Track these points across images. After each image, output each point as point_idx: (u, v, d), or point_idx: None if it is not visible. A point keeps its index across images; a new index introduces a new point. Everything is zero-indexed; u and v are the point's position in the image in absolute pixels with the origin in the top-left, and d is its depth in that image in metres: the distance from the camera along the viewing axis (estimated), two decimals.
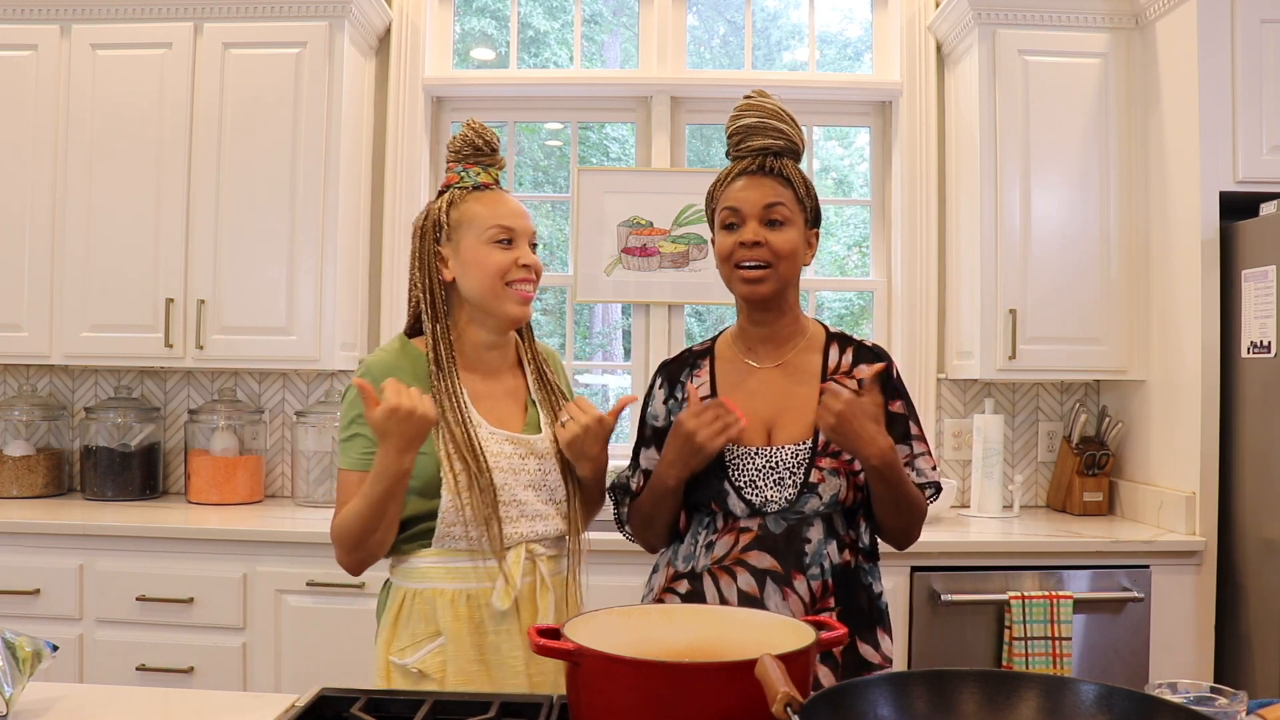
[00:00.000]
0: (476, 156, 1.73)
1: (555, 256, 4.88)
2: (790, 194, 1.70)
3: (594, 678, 1.09)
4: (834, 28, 5.32)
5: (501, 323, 1.71)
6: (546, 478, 1.70)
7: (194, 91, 3.09)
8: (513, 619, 1.63)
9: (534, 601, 1.66)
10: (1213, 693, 1.17)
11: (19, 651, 1.32)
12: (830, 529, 1.68)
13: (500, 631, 1.62)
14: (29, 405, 3.35)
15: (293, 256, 3.07)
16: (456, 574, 1.63)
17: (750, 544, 1.67)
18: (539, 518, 1.68)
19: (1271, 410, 2.59)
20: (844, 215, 5.99)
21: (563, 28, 6.26)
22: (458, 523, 1.61)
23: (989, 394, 3.36)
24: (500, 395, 1.75)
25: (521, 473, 1.67)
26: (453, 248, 1.70)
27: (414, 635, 1.62)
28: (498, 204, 1.71)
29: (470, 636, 1.61)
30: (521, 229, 1.71)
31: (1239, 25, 2.78)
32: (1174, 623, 2.76)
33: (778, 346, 1.76)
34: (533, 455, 1.69)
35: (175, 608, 2.74)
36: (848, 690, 1.04)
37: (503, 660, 1.62)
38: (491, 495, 1.61)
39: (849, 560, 1.70)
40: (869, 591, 1.72)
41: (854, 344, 1.78)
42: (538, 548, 1.67)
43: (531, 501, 1.67)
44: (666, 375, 1.83)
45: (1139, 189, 3.08)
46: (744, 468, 1.68)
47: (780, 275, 1.69)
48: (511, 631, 1.63)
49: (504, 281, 1.67)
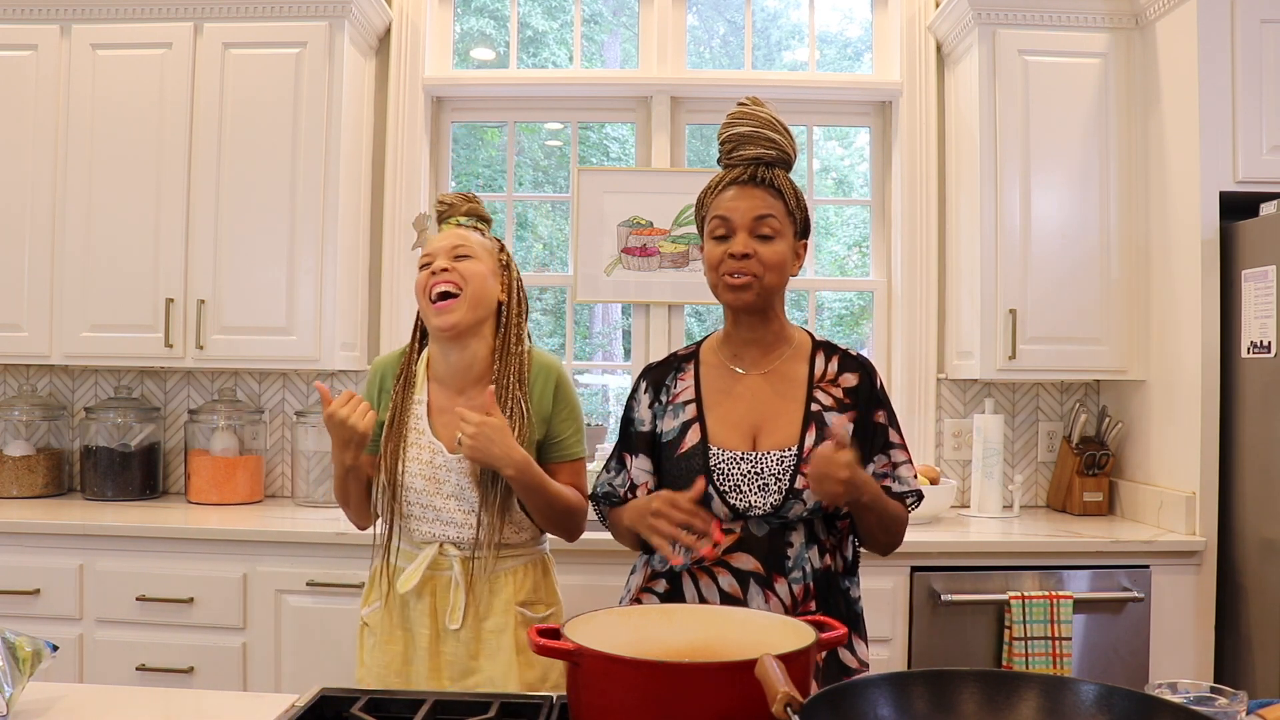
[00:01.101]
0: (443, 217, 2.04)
1: (555, 256, 4.88)
2: (781, 206, 1.71)
3: (594, 678, 1.09)
4: (834, 28, 5.32)
5: (435, 334, 1.94)
6: (466, 491, 1.91)
7: (194, 92, 3.08)
8: (425, 601, 1.93)
9: (448, 594, 1.92)
10: (1213, 693, 1.17)
11: (19, 651, 1.32)
12: (811, 534, 1.69)
13: (416, 609, 1.93)
14: (29, 405, 3.35)
15: (293, 256, 3.07)
16: (403, 554, 1.96)
17: (733, 545, 1.67)
18: (452, 524, 1.92)
19: (1271, 410, 2.59)
20: (844, 215, 5.99)
21: (562, 28, 6.25)
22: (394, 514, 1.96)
23: (989, 394, 3.36)
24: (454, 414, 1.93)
25: (445, 483, 1.91)
26: None
27: (379, 594, 1.98)
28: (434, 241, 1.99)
29: (399, 607, 1.95)
30: (439, 249, 1.94)
31: (1239, 25, 2.78)
32: (1174, 623, 2.76)
33: (763, 353, 1.77)
34: (454, 471, 1.91)
35: (175, 608, 2.74)
36: (848, 690, 1.04)
37: (414, 634, 1.93)
38: (391, 496, 1.93)
39: (829, 565, 1.71)
40: (846, 597, 1.74)
41: (839, 352, 1.79)
42: (451, 549, 1.92)
43: (449, 509, 1.91)
44: (651, 380, 1.84)
45: (1139, 189, 3.08)
46: (729, 473, 1.68)
47: (765, 285, 1.71)
48: (422, 611, 1.93)
49: (427, 298, 1.92)
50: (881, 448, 1.75)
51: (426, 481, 1.92)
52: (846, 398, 1.75)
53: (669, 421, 1.78)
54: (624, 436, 1.88)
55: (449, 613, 1.92)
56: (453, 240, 1.95)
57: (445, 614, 1.92)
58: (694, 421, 1.75)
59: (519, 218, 4.26)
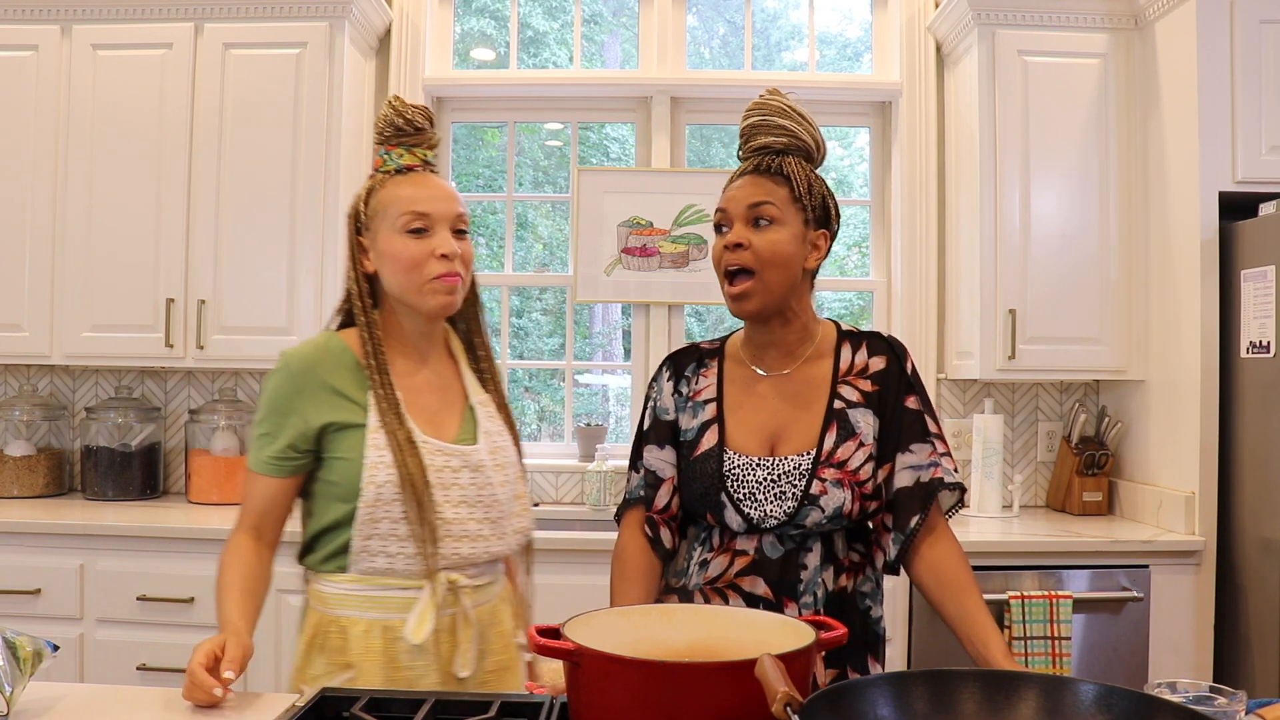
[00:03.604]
0: (398, 137, 1.60)
1: (555, 256, 4.89)
2: (784, 192, 1.60)
3: (594, 678, 1.10)
4: (834, 28, 5.32)
5: (425, 316, 1.58)
6: (482, 493, 1.54)
7: (194, 92, 3.09)
8: (430, 654, 1.49)
9: (454, 635, 1.51)
10: (1212, 692, 1.17)
11: (19, 651, 1.32)
12: (829, 552, 1.60)
13: (415, 667, 1.49)
14: (30, 405, 3.35)
15: (293, 256, 3.07)
16: (373, 602, 1.50)
17: (746, 568, 1.60)
18: (466, 539, 1.52)
19: (1271, 410, 2.59)
20: (844, 215, 5.99)
21: (563, 28, 6.25)
22: (374, 536, 1.48)
23: (989, 394, 3.36)
24: (431, 394, 1.60)
25: (453, 488, 1.52)
26: (370, 238, 1.57)
27: (327, 665, 1.51)
28: (417, 187, 1.56)
29: (382, 670, 1.48)
30: (440, 213, 1.54)
31: (1238, 26, 2.78)
32: (1173, 623, 2.76)
33: (784, 355, 1.67)
34: (466, 468, 1.54)
35: (176, 607, 2.74)
36: (848, 690, 1.04)
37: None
38: (431, 511, 1.48)
39: (845, 585, 1.62)
40: (865, 617, 1.64)
41: (866, 338, 1.69)
42: (460, 578, 1.51)
43: (463, 520, 1.52)
44: (674, 367, 1.74)
45: (1138, 189, 3.08)
46: (744, 479, 1.60)
47: (767, 285, 1.58)
48: (428, 667, 1.49)
49: (421, 274, 1.52)
50: (920, 436, 1.61)
51: (434, 489, 1.51)
52: (874, 385, 1.64)
53: (688, 419, 1.69)
54: (645, 431, 1.73)
55: (458, 658, 1.52)
56: (453, 206, 1.57)
57: (454, 660, 1.52)
58: (713, 423, 1.66)
59: (519, 218, 4.26)
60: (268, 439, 1.53)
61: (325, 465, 1.54)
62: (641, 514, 1.71)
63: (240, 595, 1.51)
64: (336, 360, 1.55)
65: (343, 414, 1.52)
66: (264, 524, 1.57)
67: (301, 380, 1.53)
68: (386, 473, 1.48)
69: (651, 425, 1.72)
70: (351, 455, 1.50)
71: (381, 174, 1.61)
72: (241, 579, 1.52)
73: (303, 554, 1.61)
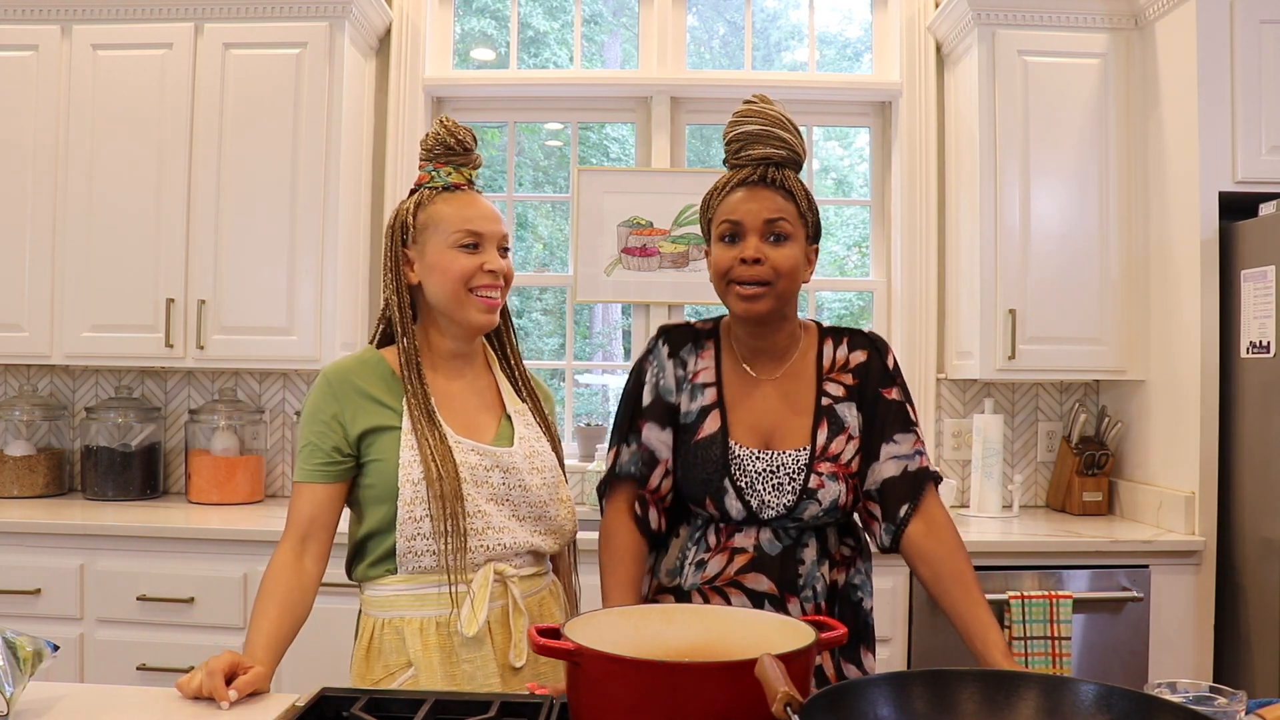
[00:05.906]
0: (448, 156, 1.67)
1: (555, 256, 4.89)
2: (793, 208, 1.62)
3: (594, 678, 1.10)
4: (834, 28, 5.33)
5: (465, 330, 1.65)
6: (511, 493, 1.61)
7: (194, 92, 3.09)
8: (486, 645, 1.55)
9: (506, 625, 1.58)
10: (1212, 692, 1.17)
11: (20, 651, 1.32)
12: (824, 548, 1.65)
13: (474, 659, 1.55)
14: (30, 405, 3.35)
15: (293, 256, 3.07)
16: (424, 600, 1.56)
17: (746, 565, 1.62)
18: (504, 530, 1.59)
19: (1271, 410, 2.59)
20: (844, 215, 5.99)
21: (563, 28, 6.26)
22: (418, 535, 1.54)
23: (989, 394, 3.36)
24: (469, 399, 1.68)
25: (485, 485, 1.59)
26: (418, 250, 1.64)
27: (387, 667, 1.56)
28: (466, 206, 1.64)
29: (441, 666, 1.54)
30: (490, 233, 1.64)
31: (1238, 26, 2.78)
32: (1173, 623, 2.76)
33: (774, 360, 1.70)
34: (498, 468, 1.61)
35: (176, 608, 2.74)
36: (847, 690, 1.04)
37: (477, 689, 1.53)
38: (458, 505, 1.53)
39: (839, 579, 1.67)
40: (858, 608, 1.68)
41: (848, 334, 1.73)
42: (507, 568, 1.59)
43: (494, 515, 1.59)
44: (671, 344, 1.73)
45: (1138, 189, 3.08)
46: (744, 469, 1.63)
47: (779, 292, 1.62)
48: (486, 659, 1.55)
49: (467, 288, 1.61)
50: (903, 427, 1.65)
51: (467, 486, 1.58)
52: (855, 379, 1.68)
53: (686, 401, 1.69)
54: (637, 406, 1.72)
55: (513, 647, 1.58)
56: (500, 227, 1.66)
57: (509, 651, 1.58)
58: (714, 407, 1.67)
59: (519, 218, 4.27)
60: (312, 449, 1.59)
61: (364, 470, 1.60)
62: (632, 491, 1.70)
63: (273, 625, 1.52)
64: (372, 371, 1.64)
65: (379, 419, 1.59)
66: (312, 531, 1.60)
67: (339, 389, 1.61)
68: (421, 471, 1.54)
69: (653, 403, 1.71)
70: (387, 456, 1.57)
71: (429, 189, 1.68)
72: (278, 606, 1.54)
73: (351, 565, 1.65)
